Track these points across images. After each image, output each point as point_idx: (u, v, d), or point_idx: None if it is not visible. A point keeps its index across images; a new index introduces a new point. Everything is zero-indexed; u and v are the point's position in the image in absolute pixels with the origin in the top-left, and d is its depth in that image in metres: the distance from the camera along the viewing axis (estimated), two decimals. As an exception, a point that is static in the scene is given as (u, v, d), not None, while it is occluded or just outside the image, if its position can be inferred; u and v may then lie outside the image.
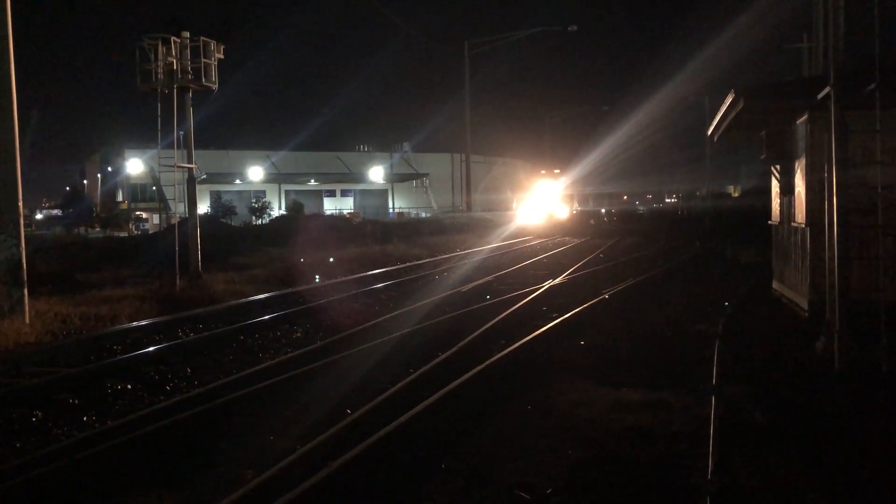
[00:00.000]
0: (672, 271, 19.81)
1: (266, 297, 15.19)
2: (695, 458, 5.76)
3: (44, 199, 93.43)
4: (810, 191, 11.08)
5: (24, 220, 12.71)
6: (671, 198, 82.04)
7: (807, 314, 11.19)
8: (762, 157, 13.67)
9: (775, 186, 14.30)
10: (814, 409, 7.13)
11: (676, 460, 5.80)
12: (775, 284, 14.50)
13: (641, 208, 68.56)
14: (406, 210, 72.06)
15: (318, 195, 74.77)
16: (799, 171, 12.05)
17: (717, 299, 14.30)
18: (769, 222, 15.34)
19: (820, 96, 9.29)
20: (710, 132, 15.94)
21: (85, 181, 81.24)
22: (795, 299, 12.37)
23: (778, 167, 13.55)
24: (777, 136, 13.06)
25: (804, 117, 11.34)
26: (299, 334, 11.65)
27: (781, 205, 13.86)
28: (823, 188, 9.15)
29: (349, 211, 66.60)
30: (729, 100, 11.90)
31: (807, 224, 11.20)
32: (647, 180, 74.26)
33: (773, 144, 13.20)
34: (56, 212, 70.36)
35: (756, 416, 6.87)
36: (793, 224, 12.60)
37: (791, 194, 12.83)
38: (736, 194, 62.84)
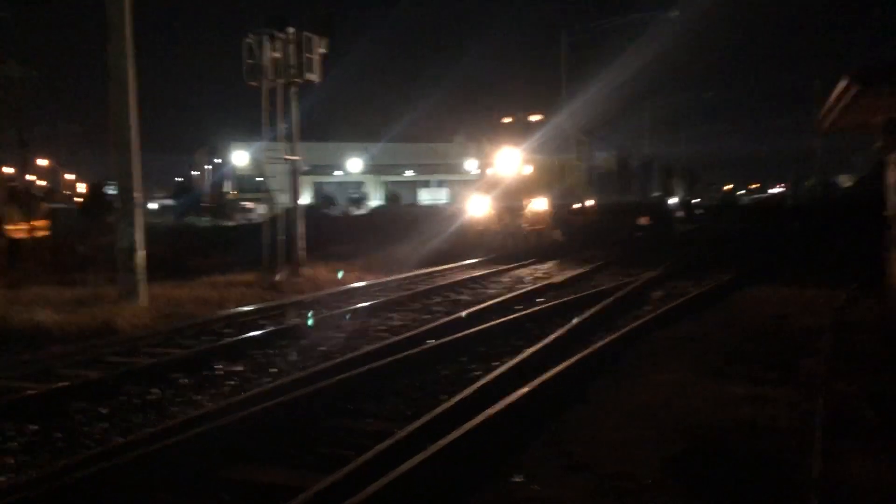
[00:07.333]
0: (777, 263, 19.11)
1: (365, 285, 15.56)
2: (801, 455, 5.59)
3: (156, 189, 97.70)
4: (930, 180, 10.48)
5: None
6: (778, 186, 78.76)
7: (925, 310, 10.62)
8: (877, 145, 12.97)
9: (892, 176, 13.57)
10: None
11: (782, 456, 5.65)
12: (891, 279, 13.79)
13: (746, 199, 65.45)
14: (501, 199, 71.66)
15: (413, 186, 75.53)
16: (918, 159, 11.41)
17: (826, 293, 13.73)
18: (884, 213, 14.58)
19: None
20: (819, 121, 15.23)
21: (193, 172, 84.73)
22: (912, 294, 11.73)
23: (895, 156, 12.84)
24: (894, 122, 12.37)
25: (925, 102, 10.71)
26: (397, 322, 11.87)
27: (898, 195, 13.14)
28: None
29: (444, 201, 66.98)
30: (841, 86, 11.32)
31: (926, 215, 10.61)
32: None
33: (890, 132, 12.52)
34: (168, 201, 73.54)
35: (867, 414, 6.59)
36: (910, 215, 11.94)
37: (909, 184, 12.15)
38: (848, 184, 59.86)
